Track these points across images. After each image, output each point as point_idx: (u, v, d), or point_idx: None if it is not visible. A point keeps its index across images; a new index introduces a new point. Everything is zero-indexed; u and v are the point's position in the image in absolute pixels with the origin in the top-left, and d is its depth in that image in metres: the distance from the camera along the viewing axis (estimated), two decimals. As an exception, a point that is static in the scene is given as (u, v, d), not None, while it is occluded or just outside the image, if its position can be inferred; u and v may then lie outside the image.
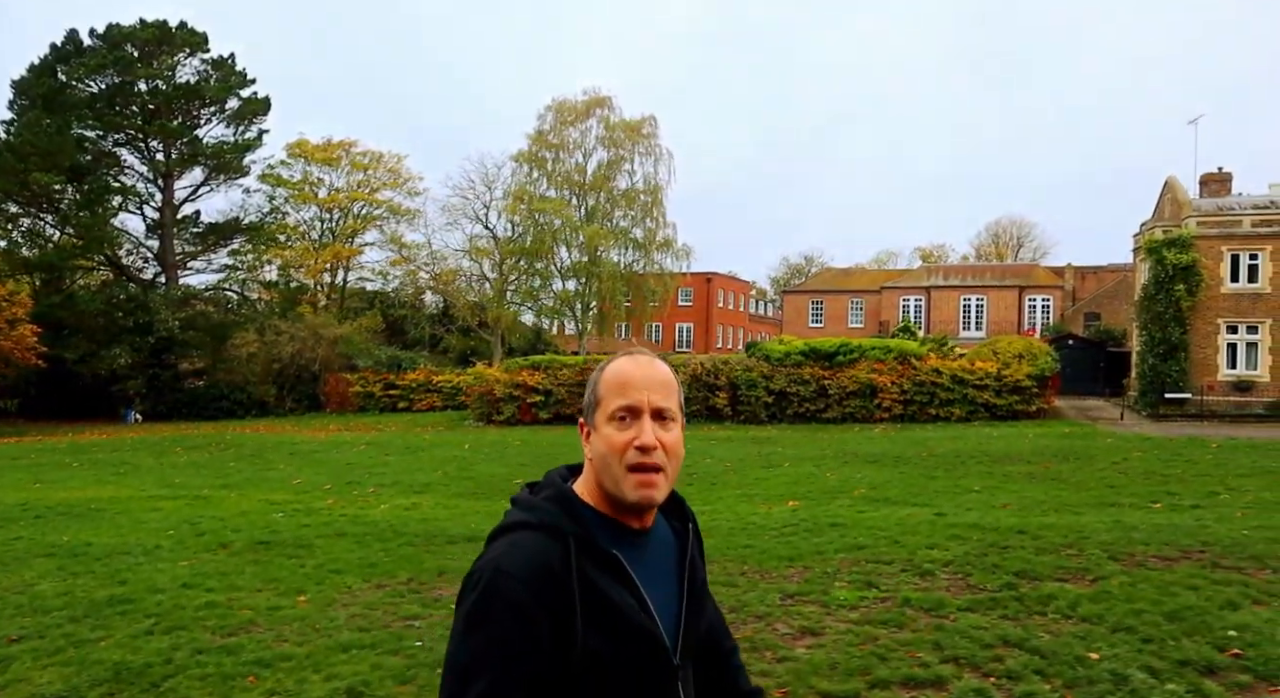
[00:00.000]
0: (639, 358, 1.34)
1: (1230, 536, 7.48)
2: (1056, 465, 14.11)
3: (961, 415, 24.09)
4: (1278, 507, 9.73)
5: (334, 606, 5.92)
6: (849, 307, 49.36)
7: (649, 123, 37.18)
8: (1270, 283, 24.26)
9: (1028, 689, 4.20)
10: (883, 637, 4.96)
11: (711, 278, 54.41)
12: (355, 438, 22.05)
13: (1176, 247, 24.52)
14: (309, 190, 44.35)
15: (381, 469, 15.39)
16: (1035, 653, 4.64)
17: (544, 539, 1.23)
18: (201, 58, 38.65)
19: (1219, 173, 27.97)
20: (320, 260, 41.74)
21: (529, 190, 36.81)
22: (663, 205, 37.65)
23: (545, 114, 37.44)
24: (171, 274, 39.87)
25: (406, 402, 35.16)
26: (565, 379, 27.17)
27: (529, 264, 37.53)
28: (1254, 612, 5.14)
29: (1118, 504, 10.10)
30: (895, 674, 4.40)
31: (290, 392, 37.39)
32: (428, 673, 4.48)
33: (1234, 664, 4.43)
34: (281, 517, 10.27)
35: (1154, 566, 6.40)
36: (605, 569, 1.24)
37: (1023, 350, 24.43)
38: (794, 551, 7.56)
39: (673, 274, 38.86)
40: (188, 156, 39.70)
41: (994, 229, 76.01)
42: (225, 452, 18.84)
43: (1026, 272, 46.74)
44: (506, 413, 27.48)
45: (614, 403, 1.28)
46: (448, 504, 11.47)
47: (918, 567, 6.58)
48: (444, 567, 7.24)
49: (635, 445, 1.24)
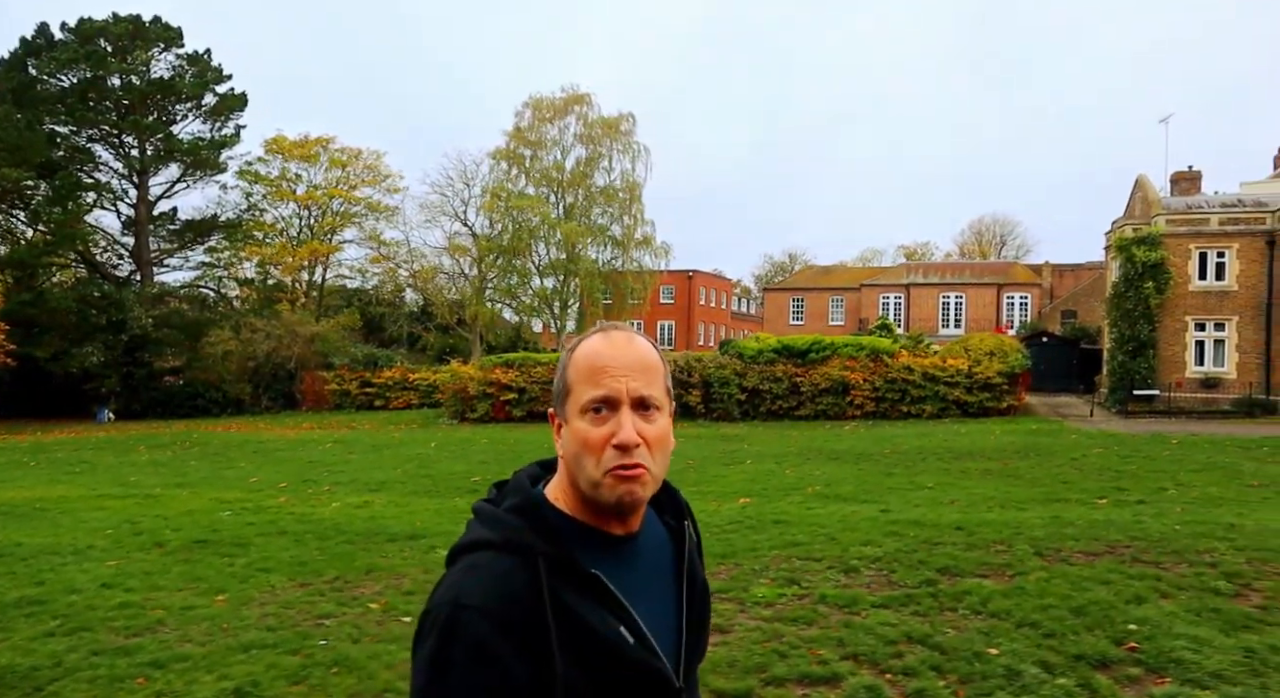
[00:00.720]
0: (614, 335, 1.14)
1: (1161, 531, 7.53)
2: (1015, 462, 14.19)
3: (933, 412, 24.18)
4: (1219, 502, 9.83)
5: (250, 605, 5.86)
6: (829, 304, 49.50)
7: (627, 120, 37.14)
8: (1237, 281, 24.48)
9: (921, 686, 4.20)
10: (789, 634, 4.95)
11: (693, 275, 54.44)
12: (324, 436, 21.92)
13: (1146, 244, 24.70)
14: (287, 187, 44.04)
15: (342, 467, 15.30)
16: (937, 649, 4.65)
17: (509, 561, 1.05)
18: (176, 53, 38.28)
19: (1189, 171, 28.19)
20: (298, 258, 41.43)
21: (507, 188, 36.68)
22: (641, 203, 37.63)
23: (523, 111, 37.36)
24: (147, 271, 39.50)
25: (383, 400, 35.00)
26: (539, 377, 27.09)
27: (507, 262, 37.41)
28: (1159, 606, 5.17)
29: (1064, 501, 10.15)
30: (792, 672, 4.40)
31: (266, 390, 37.15)
32: (322, 672, 4.43)
33: (1128, 658, 4.45)
34: (228, 515, 10.19)
35: (1076, 561, 6.43)
36: (586, 592, 1.06)
37: (994, 348, 24.54)
38: (729, 548, 7.56)
39: (652, 272, 38.82)
40: (163, 153, 39.32)
41: (977, 227, 76.43)
42: (189, 450, 18.68)
43: (1005, 270, 47.00)
44: (480, 411, 27.39)
45: (587, 393, 1.09)
46: (399, 503, 11.40)
47: (845, 564, 6.59)
48: (374, 565, 7.20)
49: (613, 444, 1.06)
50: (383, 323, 40.44)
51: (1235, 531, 7.52)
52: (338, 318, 39.60)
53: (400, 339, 40.83)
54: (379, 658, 4.63)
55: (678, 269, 54.12)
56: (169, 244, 41.98)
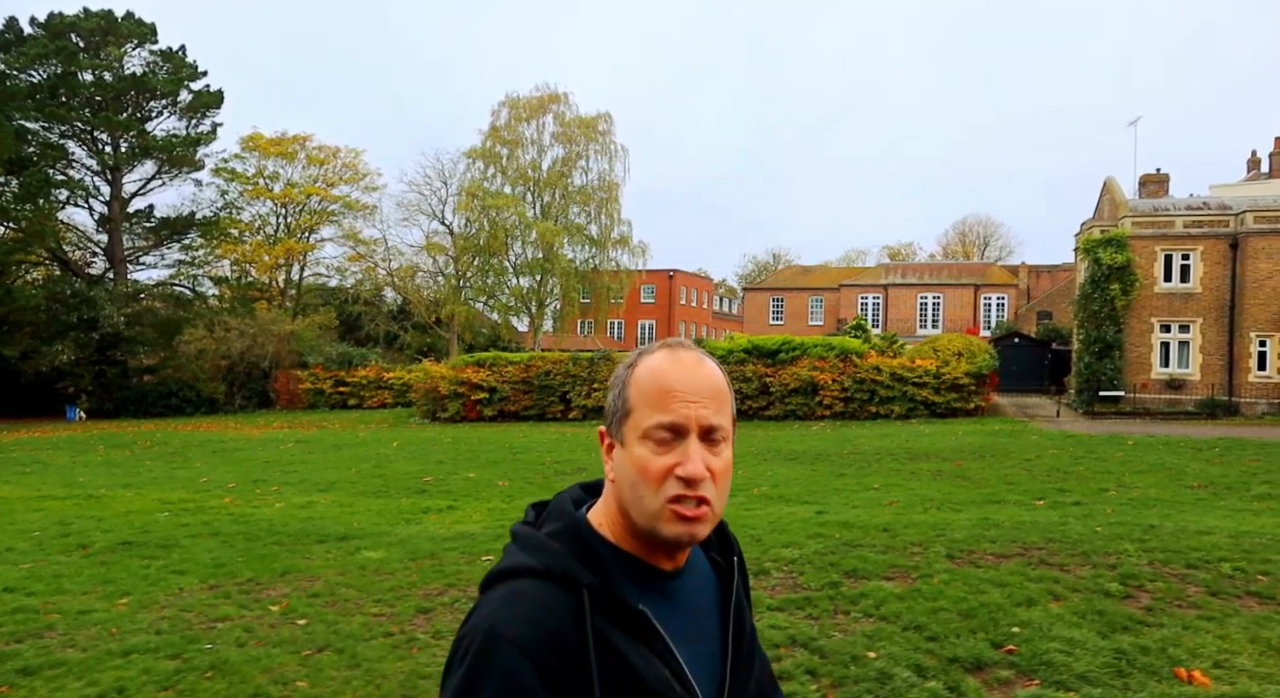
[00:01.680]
0: (682, 355, 1.05)
1: (1081, 533, 7.59)
2: (968, 463, 14.27)
3: (901, 413, 24.29)
4: (1153, 503, 9.91)
5: (151, 608, 5.82)
6: (809, 304, 49.63)
7: (604, 120, 37.11)
8: (1201, 283, 24.69)
9: (791, 690, 4.21)
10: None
11: (674, 275, 54.47)
12: (288, 436, 21.79)
13: (1112, 246, 24.87)
14: (263, 184, 43.77)
15: (296, 467, 15.22)
16: (818, 653, 4.66)
17: (552, 592, 0.98)
18: (150, 49, 37.98)
19: (1157, 174, 28.42)
20: (273, 256, 41.18)
21: (483, 187, 36.58)
22: (618, 202, 37.62)
23: (500, 110, 37.27)
24: (120, 269, 39.17)
25: (357, 399, 34.89)
26: (510, 377, 27.07)
27: (484, 261, 37.31)
28: (1047, 609, 5.20)
29: (1002, 502, 10.21)
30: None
31: (240, 389, 36.94)
32: (195, 677, 4.40)
33: (1004, 660, 4.48)
34: (166, 516, 10.12)
35: (985, 563, 6.47)
36: (630, 630, 1.00)
37: (962, 348, 24.67)
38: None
39: (629, 271, 38.81)
40: (138, 150, 39.01)
41: (960, 228, 76.89)
42: (148, 450, 18.54)
43: (982, 271, 47.26)
44: (451, 410, 27.33)
45: (651, 418, 1.01)
46: (344, 503, 11.35)
47: (759, 566, 6.60)
48: (292, 567, 7.16)
49: (679, 474, 0.99)
50: (359, 322, 40.26)
51: (1153, 532, 7.59)
52: (313, 316, 39.40)
53: (377, 338, 40.66)
54: (258, 662, 4.60)
55: (658, 268, 54.18)
56: (144, 242, 41.67)
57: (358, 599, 5.99)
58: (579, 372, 26.56)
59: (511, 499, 11.60)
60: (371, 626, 5.30)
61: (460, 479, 13.58)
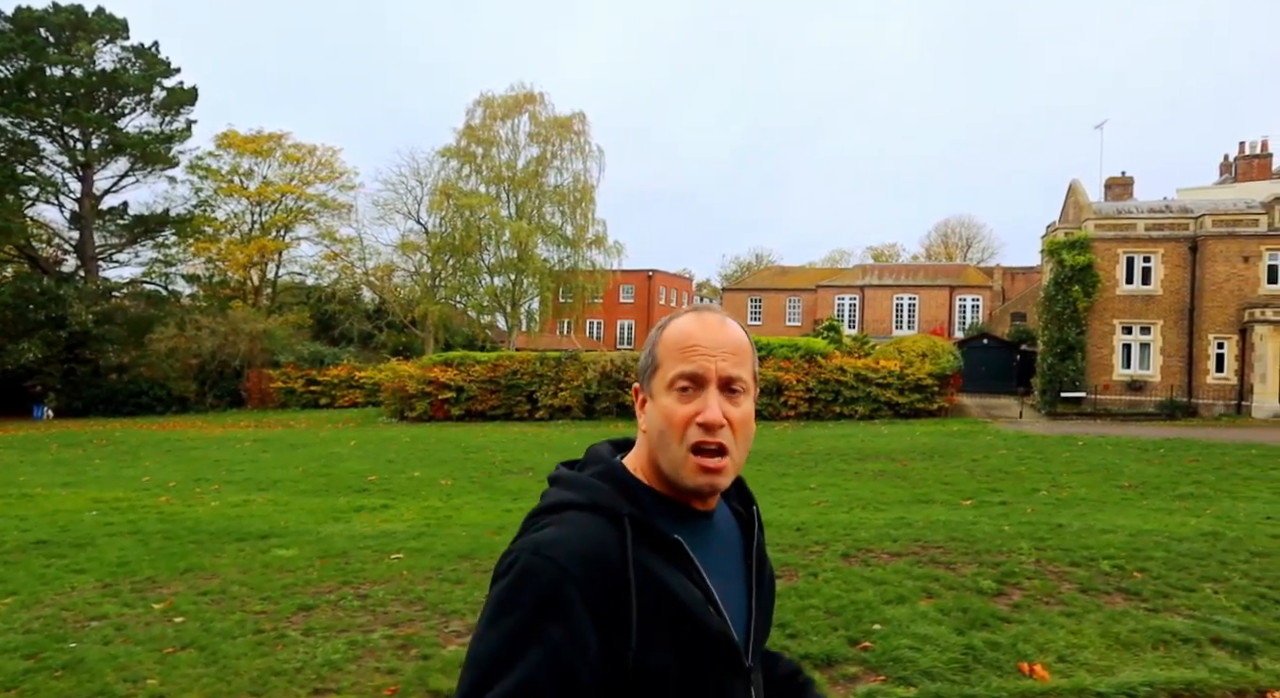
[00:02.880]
0: (706, 316, 1.16)
1: (987, 532, 7.66)
2: (914, 463, 14.36)
3: (865, 413, 24.42)
4: (1076, 503, 10.02)
5: (33, 607, 5.80)
6: (786, 305, 49.79)
7: (579, 119, 37.09)
8: (1162, 285, 24.93)
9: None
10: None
11: (653, 275, 54.54)
12: (249, 435, 21.70)
13: (1075, 248, 25.09)
14: (238, 182, 43.53)
15: (245, 466, 15.17)
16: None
17: (596, 521, 1.04)
18: (122, 45, 37.72)
19: (1122, 177, 28.68)
20: (246, 254, 40.96)
21: (456, 186, 36.50)
22: (593, 202, 37.59)
23: (474, 109, 37.19)
24: (91, 267, 38.88)
25: (328, 398, 34.76)
26: (477, 376, 27.04)
27: (458, 260, 37.24)
28: (915, 606, 5.26)
29: (931, 502, 10.29)
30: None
31: (212, 388, 36.74)
32: (44, 677, 4.39)
33: (855, 657, 4.53)
34: (94, 515, 10.08)
35: (876, 562, 6.52)
36: (667, 557, 1.05)
37: (926, 349, 24.81)
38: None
39: (604, 271, 38.80)
40: (111, 147, 38.73)
41: (943, 229, 77.19)
42: (102, 449, 18.43)
43: (957, 272, 47.53)
44: (419, 409, 27.27)
45: (675, 368, 1.09)
46: (280, 502, 11.33)
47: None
48: (196, 566, 7.14)
49: (698, 421, 1.06)
50: (333, 321, 40.09)
51: (1058, 531, 7.68)
52: (286, 315, 39.22)
53: (352, 337, 40.50)
54: (114, 660, 4.60)
55: (638, 268, 54.19)
56: (117, 239, 41.37)
57: (246, 597, 5.99)
58: (546, 372, 26.56)
59: (450, 498, 11.60)
60: (246, 623, 5.30)
61: (405, 478, 13.57)
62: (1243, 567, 6.25)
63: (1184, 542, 7.10)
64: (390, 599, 5.87)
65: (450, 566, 7.01)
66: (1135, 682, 4.26)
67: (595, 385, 25.64)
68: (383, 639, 4.97)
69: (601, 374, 25.71)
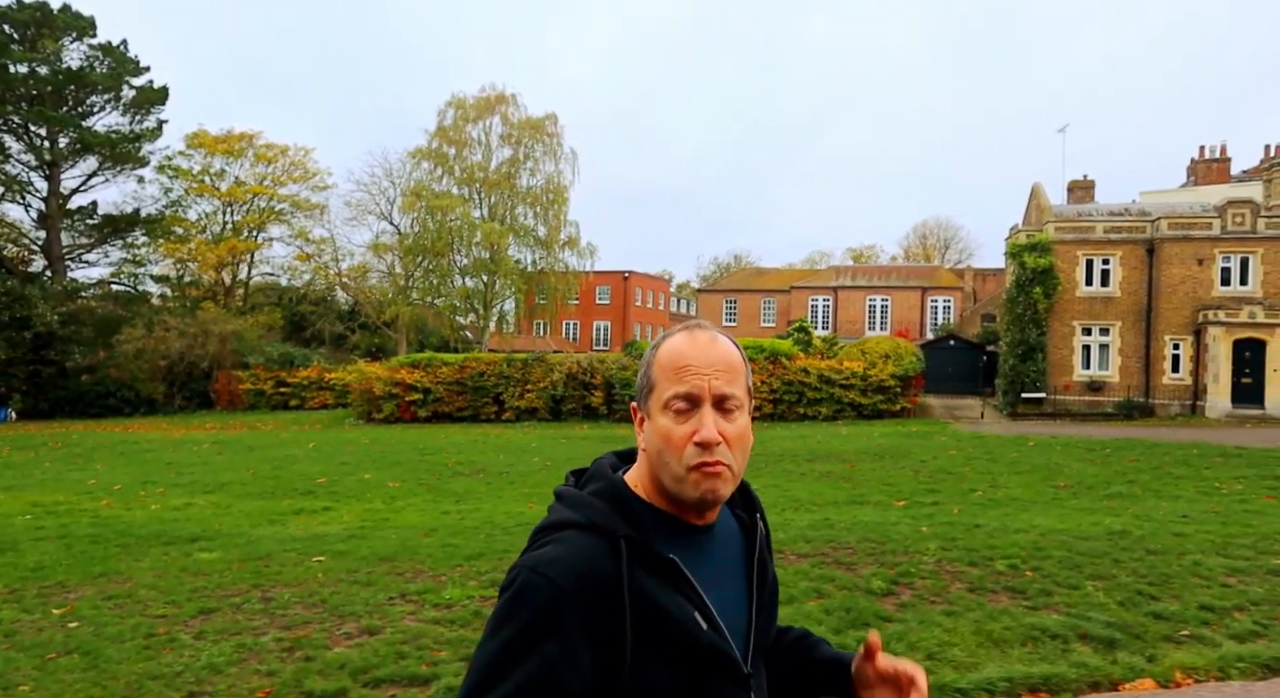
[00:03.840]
0: (698, 335, 1.17)
1: (903, 533, 7.80)
2: (862, 464, 14.52)
3: (829, 414, 24.62)
4: (1009, 503, 10.19)
5: (-68, 612, 5.79)
6: (761, 306, 50.03)
7: (551, 121, 37.12)
8: (1120, 287, 25.30)
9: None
10: (432, 635, 5.05)
11: (629, 276, 54.62)
12: (210, 437, 21.57)
13: (1036, 251, 25.41)
14: (209, 183, 43.20)
15: (196, 469, 15.10)
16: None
17: (592, 541, 1.08)
18: (89, 43, 37.35)
19: (1083, 180, 29.07)
20: (216, 255, 40.66)
21: (428, 187, 36.43)
22: (566, 203, 37.62)
23: (446, 110, 37.13)
24: (58, 267, 38.45)
25: (298, 399, 34.59)
26: (444, 377, 27.02)
27: (430, 262, 37.16)
28: (802, 606, 5.35)
29: (864, 503, 10.43)
30: (398, 673, 4.49)
31: (180, 389, 36.47)
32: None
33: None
34: (28, 518, 10.03)
35: (784, 563, 6.62)
36: (662, 576, 1.09)
37: (889, 351, 25.05)
38: (486, 548, 7.66)
39: (576, 272, 38.85)
40: (80, 146, 38.35)
41: (921, 231, 77.76)
42: (55, 451, 18.26)
43: (929, 273, 47.95)
44: (386, 411, 27.22)
45: (670, 389, 1.12)
46: (222, 505, 11.30)
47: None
48: (112, 570, 7.14)
49: (695, 441, 1.10)
50: (305, 322, 39.89)
51: (974, 531, 7.82)
52: (256, 316, 38.97)
53: (323, 338, 40.30)
54: (-11, 664, 4.62)
55: (614, 269, 54.28)
56: (87, 239, 40.96)
57: (150, 601, 6.01)
58: (513, 373, 26.58)
59: (394, 501, 11.62)
60: (140, 627, 5.32)
61: (354, 480, 13.57)
62: (1134, 564, 6.42)
63: (1089, 541, 7.27)
64: (294, 602, 5.91)
65: (368, 568, 7.05)
66: (995, 677, 4.40)
67: (561, 387, 25.69)
68: (272, 642, 5.01)
69: (567, 376, 25.76)
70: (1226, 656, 4.71)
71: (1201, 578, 6.08)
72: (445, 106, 37.18)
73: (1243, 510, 9.16)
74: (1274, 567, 6.39)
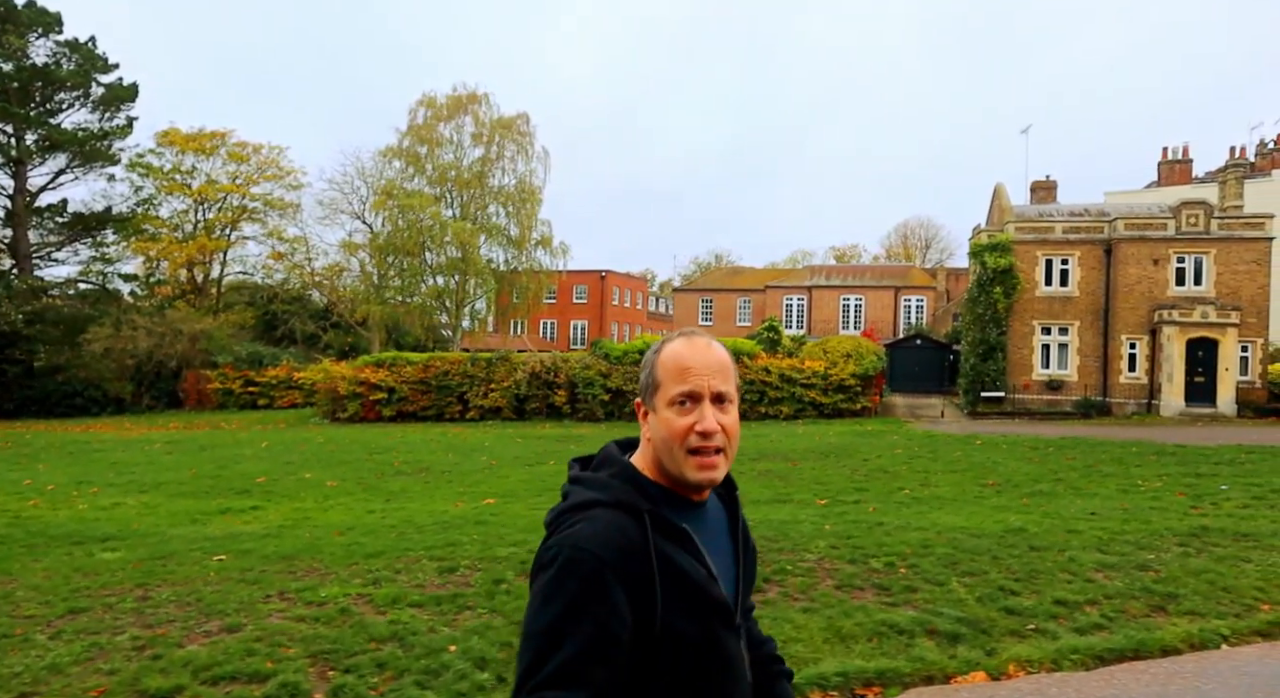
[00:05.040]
0: (696, 341, 1.36)
1: (804, 531, 7.87)
2: (806, 463, 14.61)
3: (790, 413, 24.74)
4: (931, 501, 10.29)
5: None
6: (737, 306, 50.15)
7: (522, 120, 37.13)
8: (1079, 287, 25.54)
9: (346, 682, 4.35)
10: (287, 633, 5.08)
11: (606, 275, 54.65)
12: (165, 436, 21.47)
13: (996, 251, 25.61)
14: (180, 180, 42.92)
15: (139, 468, 15.04)
16: (406, 647, 4.82)
17: (620, 516, 1.25)
18: (55, 39, 37.01)
19: (1046, 180, 29.33)
20: (184, 253, 40.41)
21: (398, 186, 36.35)
22: (537, 202, 37.62)
23: (417, 109, 37.04)
24: (25, 265, 38.10)
25: (267, 399, 34.44)
26: (409, 377, 26.97)
27: (398, 260, 37.08)
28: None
29: (788, 501, 10.52)
30: (240, 670, 4.52)
31: (149, 388, 36.23)
32: None
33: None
34: (-55, 520, 9.97)
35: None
36: (678, 543, 1.28)
37: (850, 350, 25.19)
38: (390, 547, 7.68)
39: (549, 271, 38.86)
40: (49, 143, 38.03)
41: (903, 230, 78.12)
42: (3, 451, 18.14)
43: (903, 273, 48.21)
44: (351, 410, 27.15)
45: (674, 388, 1.31)
46: (152, 504, 11.28)
47: (451, 564, 6.75)
48: (3, 571, 7.13)
49: (697, 431, 1.29)
50: (275, 320, 39.71)
51: (873, 529, 7.91)
52: (227, 315, 38.77)
53: (295, 337, 40.13)
54: None
55: (590, 269, 54.30)
56: (56, 237, 40.63)
57: (26, 601, 6.01)
58: (477, 373, 26.57)
59: (325, 500, 11.61)
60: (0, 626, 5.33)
61: (293, 480, 13.55)
62: (1011, 561, 6.52)
63: (980, 538, 7.37)
64: (170, 601, 5.92)
65: (263, 567, 7.07)
66: (830, 672, 4.47)
67: (524, 386, 25.70)
68: (127, 640, 5.03)
69: (530, 375, 25.77)
70: (1063, 648, 4.81)
71: (1070, 574, 6.18)
72: (416, 105, 37.16)
73: (1149, 508, 9.30)
74: (1144, 562, 6.51)
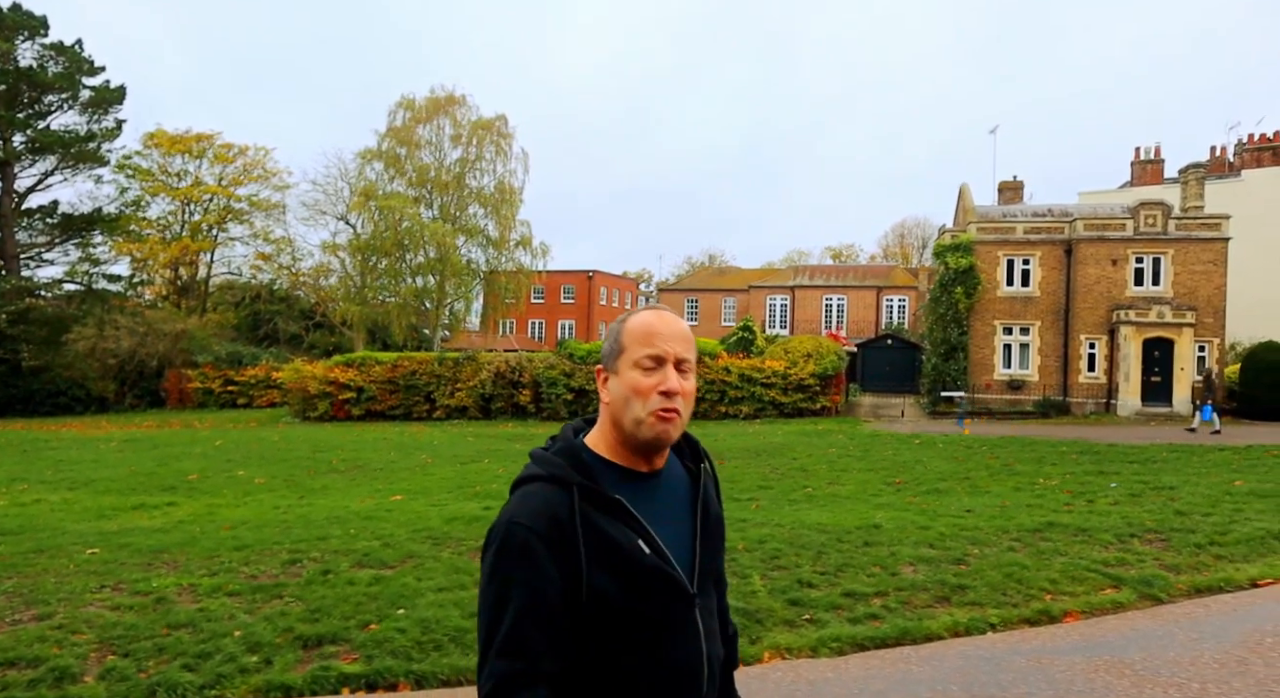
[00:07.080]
0: (663, 314, 1.46)
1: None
2: (734, 462, 14.74)
3: (750, 413, 24.90)
4: (829, 499, 10.46)
5: None
6: (721, 306, 50.31)
7: (501, 122, 37.38)
8: (1040, 287, 25.61)
9: (117, 665, 4.58)
10: (94, 621, 5.31)
11: (593, 275, 54.90)
12: (125, 435, 21.82)
13: (959, 251, 25.70)
14: (166, 182, 43.40)
15: (79, 466, 15.36)
16: (194, 630, 5.05)
17: (552, 490, 1.36)
18: (41, 43, 37.50)
19: (1013, 181, 29.38)
20: (169, 253, 40.87)
21: (378, 188, 36.68)
22: (517, 203, 37.88)
23: (396, 111, 37.35)
24: (12, 266, 38.62)
25: (246, 398, 34.83)
26: (378, 377, 27.27)
27: (378, 261, 37.41)
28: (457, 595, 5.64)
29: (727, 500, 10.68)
30: (21, 656, 4.74)
31: (131, 388, 36.70)
32: None
33: (350, 639, 4.90)
34: None
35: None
36: (611, 513, 1.36)
37: (811, 350, 25.33)
38: (261, 541, 7.92)
39: (528, 271, 39.12)
40: (38, 146, 38.54)
41: (899, 230, 78.01)
42: (-40, 450, 18.51)
43: (885, 273, 48.26)
44: (321, 409, 27.47)
45: (641, 351, 1.40)
46: (71, 501, 11.57)
47: (299, 556, 6.98)
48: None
49: (660, 391, 1.38)
50: (259, 320, 40.12)
51: (731, 525, 8.09)
52: (210, 315, 39.20)
53: (279, 337, 40.52)
54: None
55: (578, 269, 54.55)
56: (45, 238, 41.15)
57: (-126, 590, 6.27)
58: (444, 372, 26.84)
59: (244, 497, 11.86)
60: None
61: (224, 477, 13.82)
62: (835, 556, 6.70)
63: (824, 534, 7.55)
64: (7, 591, 6.17)
65: (125, 559, 7.31)
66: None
67: (489, 386, 25.95)
68: (-65, 628, 5.28)
69: (495, 375, 26.02)
70: (825, 637, 5.01)
71: (881, 567, 6.36)
72: (395, 107, 37.45)
73: (1025, 505, 9.46)
74: (964, 556, 6.68)
